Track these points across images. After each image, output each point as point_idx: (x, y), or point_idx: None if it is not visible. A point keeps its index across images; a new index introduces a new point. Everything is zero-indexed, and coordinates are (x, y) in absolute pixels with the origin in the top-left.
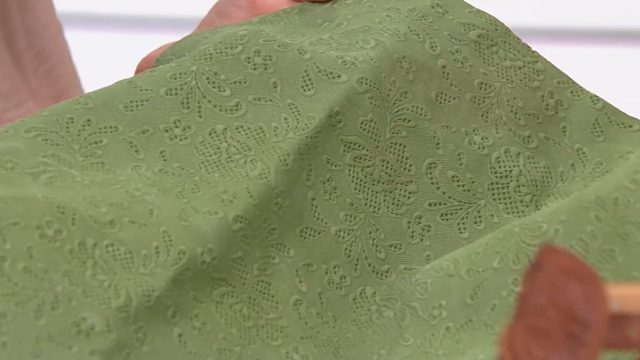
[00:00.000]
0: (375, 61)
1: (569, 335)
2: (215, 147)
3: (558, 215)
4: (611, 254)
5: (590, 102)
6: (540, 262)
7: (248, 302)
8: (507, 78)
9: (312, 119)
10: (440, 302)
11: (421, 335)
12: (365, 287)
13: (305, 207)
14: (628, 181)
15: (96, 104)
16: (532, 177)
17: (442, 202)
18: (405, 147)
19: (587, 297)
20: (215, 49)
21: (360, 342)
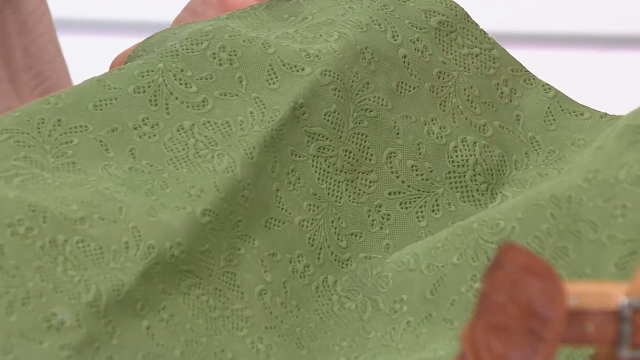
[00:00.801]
0: (339, 53)
1: (528, 331)
2: (183, 143)
3: (515, 213)
4: (565, 251)
5: (543, 90)
6: (500, 260)
7: (214, 293)
8: (465, 66)
9: (277, 112)
10: (402, 296)
11: (383, 329)
12: (328, 276)
13: (271, 199)
14: (582, 180)
15: (66, 104)
16: (488, 166)
17: (402, 191)
18: (367, 137)
19: (545, 294)
20: (182, 46)
21: (323, 333)
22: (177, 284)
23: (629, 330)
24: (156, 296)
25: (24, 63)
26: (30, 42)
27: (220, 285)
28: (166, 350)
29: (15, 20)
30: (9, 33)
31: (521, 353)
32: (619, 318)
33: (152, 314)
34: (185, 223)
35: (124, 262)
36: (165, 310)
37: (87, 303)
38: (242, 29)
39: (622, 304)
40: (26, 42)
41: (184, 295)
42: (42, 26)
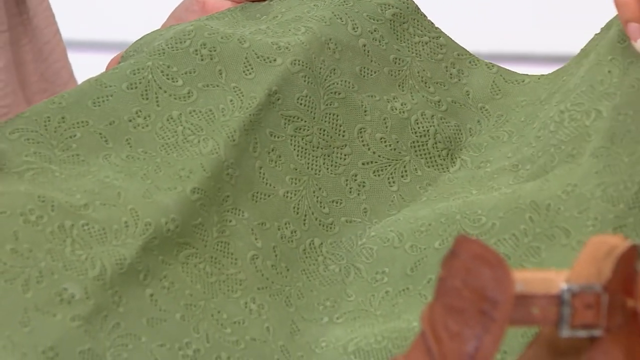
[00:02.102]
0: (306, 44)
1: (480, 312)
2: (172, 131)
3: (497, 212)
4: (537, 250)
5: (486, 68)
6: (456, 250)
7: (210, 260)
8: (416, 53)
9: (254, 99)
10: (384, 269)
11: (363, 294)
12: (314, 239)
13: (254, 175)
14: (561, 191)
15: (68, 103)
16: (446, 134)
17: (373, 161)
18: (338, 116)
19: (496, 280)
20: (167, 45)
21: (308, 292)
22: (175, 255)
23: (568, 312)
24: (157, 266)
25: (39, 87)
26: (46, 68)
27: (215, 254)
28: (168, 314)
29: (30, 48)
30: (25, 60)
31: (474, 332)
32: (559, 301)
33: (154, 283)
34: (177, 201)
35: (124, 239)
36: (166, 278)
37: (93, 277)
38: (219, 27)
39: (562, 289)
40: (41, 68)
41: (182, 264)
42: (56, 54)
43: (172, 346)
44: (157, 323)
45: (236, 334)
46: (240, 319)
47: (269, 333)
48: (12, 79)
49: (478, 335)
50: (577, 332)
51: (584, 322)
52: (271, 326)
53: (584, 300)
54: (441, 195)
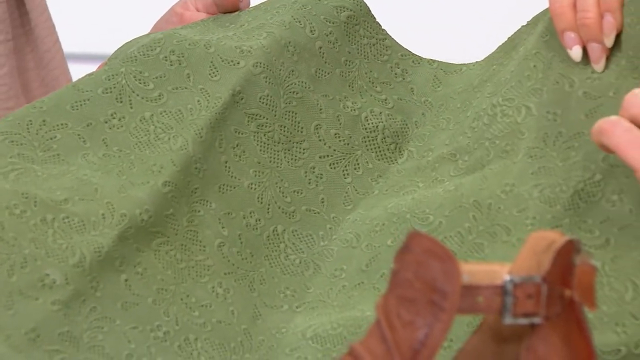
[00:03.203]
0: (267, 48)
1: (430, 302)
2: (145, 130)
3: (443, 211)
4: (481, 247)
5: (428, 65)
6: (408, 244)
7: (180, 248)
8: (364, 55)
9: (219, 99)
10: (342, 266)
11: (321, 287)
12: (277, 226)
13: (221, 169)
14: (500, 191)
15: (49, 107)
16: (394, 129)
17: (329, 155)
18: (297, 114)
19: (445, 272)
20: (139, 52)
21: (270, 278)
22: (149, 243)
23: (511, 302)
24: (131, 254)
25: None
26: (46, 74)
27: (184, 241)
28: (141, 298)
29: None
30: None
31: (425, 320)
32: (503, 291)
33: (129, 269)
34: (150, 194)
35: (102, 229)
36: (139, 264)
37: (73, 264)
38: (188, 34)
39: (505, 280)
40: (42, 74)
41: (155, 251)
42: (55, 61)
43: (144, 328)
44: (131, 307)
45: (203, 316)
46: (208, 303)
47: (233, 316)
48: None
49: (428, 323)
50: (518, 320)
51: (525, 311)
52: (236, 310)
53: (525, 291)
54: (392, 189)
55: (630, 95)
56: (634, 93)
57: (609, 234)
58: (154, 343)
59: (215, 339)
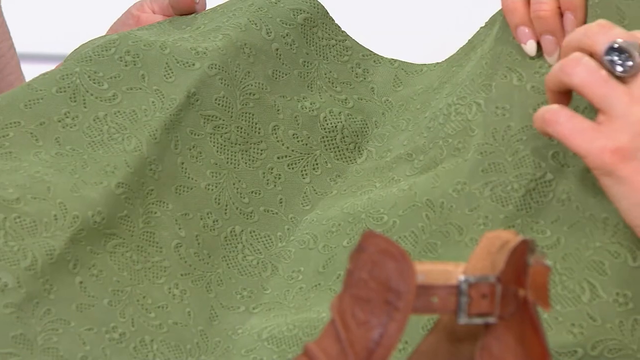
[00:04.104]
0: (222, 50)
1: (385, 302)
2: (98, 130)
3: (397, 210)
4: (434, 247)
5: (389, 64)
6: (363, 244)
7: (136, 249)
8: (324, 56)
9: (174, 100)
10: (300, 268)
11: (278, 289)
12: (235, 227)
13: (177, 170)
14: (452, 189)
15: (2, 105)
16: (353, 129)
17: (287, 155)
18: (254, 115)
19: (399, 272)
20: (94, 52)
21: (227, 279)
22: (103, 245)
23: (465, 301)
24: (86, 256)
25: None
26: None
27: (141, 243)
28: (96, 299)
29: None
30: None
31: (379, 320)
32: (457, 291)
33: (83, 271)
34: (102, 195)
35: (54, 231)
36: (94, 267)
37: (25, 267)
38: (143, 36)
39: (460, 280)
40: None
41: (110, 253)
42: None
43: (99, 330)
44: (86, 308)
45: (159, 318)
46: (164, 304)
47: (189, 318)
48: None
49: (383, 323)
50: (473, 319)
51: (480, 311)
52: (192, 311)
53: (479, 291)
54: (350, 189)
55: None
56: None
57: (560, 233)
58: (109, 344)
59: (171, 341)
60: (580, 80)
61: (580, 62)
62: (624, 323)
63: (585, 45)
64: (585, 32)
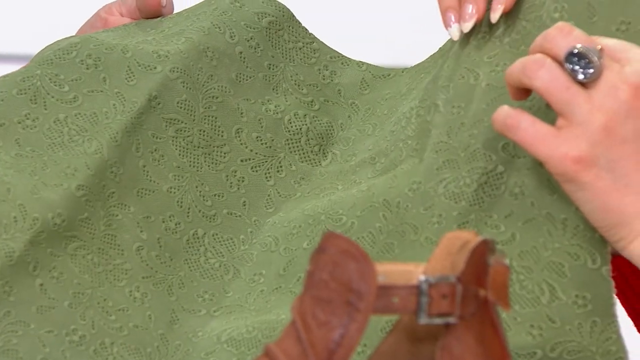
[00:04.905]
0: (184, 53)
1: (346, 303)
2: (59, 131)
3: (355, 211)
4: (391, 247)
5: (357, 66)
6: (324, 245)
7: (98, 252)
8: (290, 58)
9: (135, 103)
10: (262, 271)
11: (240, 292)
12: (197, 229)
13: (139, 173)
14: (407, 189)
15: None
16: (318, 131)
17: (251, 158)
18: (217, 118)
19: (360, 273)
20: (55, 55)
21: (189, 282)
22: (64, 247)
23: (426, 301)
24: (46, 258)
25: None
26: None
27: (102, 245)
28: (56, 302)
29: None
30: None
31: (340, 320)
32: (418, 292)
33: (43, 273)
34: (63, 197)
35: (13, 233)
36: (55, 269)
37: None
38: (106, 39)
39: (420, 280)
40: None
41: (71, 256)
42: None
43: (59, 332)
44: (46, 311)
45: (120, 321)
46: (125, 307)
47: (150, 321)
48: None
49: (344, 323)
50: (434, 319)
51: (440, 311)
52: (153, 314)
53: (440, 291)
54: (313, 192)
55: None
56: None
57: (514, 228)
58: (69, 347)
59: (131, 344)
60: (542, 84)
61: (543, 66)
62: (583, 325)
63: (545, 50)
64: (545, 36)
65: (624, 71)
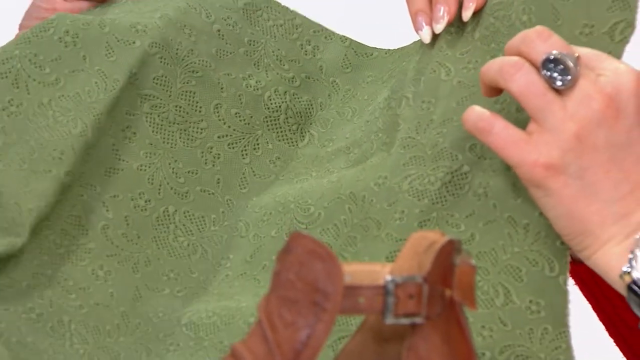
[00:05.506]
0: (162, 28)
1: (313, 303)
2: (44, 115)
3: (323, 202)
4: (354, 240)
5: (340, 41)
6: (290, 245)
7: (60, 233)
8: (271, 34)
9: (117, 81)
10: (229, 255)
11: (205, 274)
12: (168, 207)
13: (107, 153)
14: (373, 183)
15: None
16: (298, 109)
17: (228, 134)
18: (195, 94)
19: (327, 273)
20: (32, 33)
21: (156, 260)
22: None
23: (392, 302)
24: None
25: None
26: None
27: (66, 226)
28: (15, 282)
29: None
30: None
31: (307, 321)
32: (384, 292)
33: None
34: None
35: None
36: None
37: None
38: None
39: (387, 280)
40: None
41: (35, 235)
42: None
43: (15, 310)
44: (3, 289)
45: (80, 299)
46: (86, 285)
47: (112, 298)
48: None
49: (310, 323)
50: (400, 319)
51: (407, 311)
52: (115, 292)
53: (406, 291)
54: (287, 176)
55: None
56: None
57: (474, 229)
58: (25, 323)
59: (90, 322)
60: (518, 88)
61: (521, 69)
62: (534, 331)
63: (523, 53)
64: (523, 39)
65: (599, 80)
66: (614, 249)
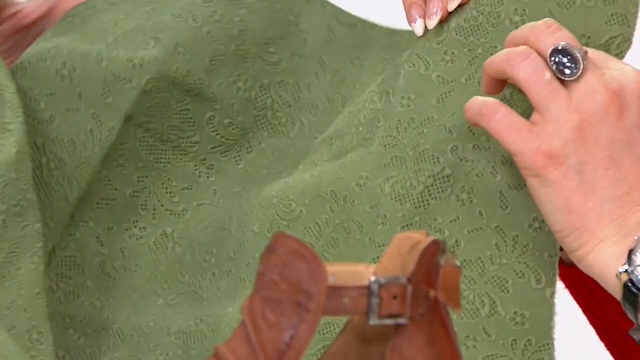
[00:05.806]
0: (159, 59)
1: (296, 303)
2: (37, 161)
3: (304, 199)
4: (336, 242)
5: (321, 6)
6: (274, 245)
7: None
8: (256, 14)
9: (112, 130)
10: (212, 249)
11: (193, 276)
12: (165, 229)
13: (99, 184)
14: (354, 183)
15: None
16: (284, 99)
17: (221, 144)
18: (189, 110)
19: (310, 273)
20: (29, 62)
21: (153, 277)
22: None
23: (376, 302)
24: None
25: None
26: None
27: (61, 270)
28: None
29: None
30: None
31: (290, 321)
32: (368, 292)
33: None
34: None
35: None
36: None
37: None
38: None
39: (370, 281)
40: None
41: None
42: None
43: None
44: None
45: (78, 332)
46: (83, 317)
47: (107, 320)
48: None
49: (294, 324)
50: (384, 320)
51: (391, 311)
52: (111, 315)
53: (390, 291)
54: (277, 169)
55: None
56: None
57: (459, 235)
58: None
59: (89, 348)
60: (524, 76)
61: (528, 57)
62: (517, 342)
63: (530, 43)
64: (531, 29)
65: (605, 76)
66: (611, 248)
